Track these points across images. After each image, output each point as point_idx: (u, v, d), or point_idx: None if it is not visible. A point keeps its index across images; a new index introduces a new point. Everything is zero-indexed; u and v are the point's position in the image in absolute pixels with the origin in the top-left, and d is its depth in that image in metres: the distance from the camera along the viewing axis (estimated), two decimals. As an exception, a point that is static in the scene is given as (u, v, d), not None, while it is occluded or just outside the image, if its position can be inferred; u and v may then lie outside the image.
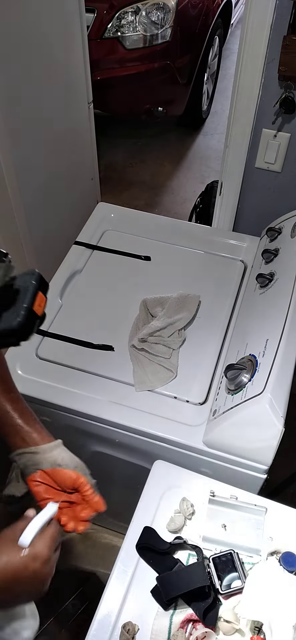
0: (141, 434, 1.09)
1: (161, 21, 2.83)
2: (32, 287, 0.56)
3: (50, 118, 1.76)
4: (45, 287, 0.59)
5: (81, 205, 2.06)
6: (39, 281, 0.58)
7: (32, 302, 0.56)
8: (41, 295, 0.58)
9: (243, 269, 1.43)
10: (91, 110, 2.07)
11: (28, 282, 0.57)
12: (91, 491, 0.75)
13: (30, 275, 0.58)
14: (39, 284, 0.58)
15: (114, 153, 3.30)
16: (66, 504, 0.75)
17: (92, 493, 0.75)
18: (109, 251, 1.48)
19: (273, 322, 1.10)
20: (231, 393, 1.03)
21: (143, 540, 0.87)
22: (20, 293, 0.56)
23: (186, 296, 1.31)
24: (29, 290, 0.56)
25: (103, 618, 0.80)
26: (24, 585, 0.63)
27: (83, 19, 1.82)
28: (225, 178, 1.57)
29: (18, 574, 0.62)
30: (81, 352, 1.22)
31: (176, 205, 2.95)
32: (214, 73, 3.57)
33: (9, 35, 1.42)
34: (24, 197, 1.65)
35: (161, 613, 0.80)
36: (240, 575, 0.82)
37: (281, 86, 1.32)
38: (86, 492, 0.74)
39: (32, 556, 0.63)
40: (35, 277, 0.58)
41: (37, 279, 0.58)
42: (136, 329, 1.26)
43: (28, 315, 0.55)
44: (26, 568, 0.62)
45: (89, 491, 0.75)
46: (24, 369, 1.18)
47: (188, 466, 1.00)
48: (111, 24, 2.79)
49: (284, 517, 0.91)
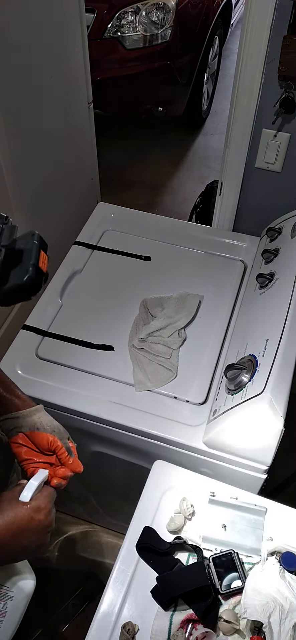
0: (141, 434, 1.09)
1: (161, 21, 2.82)
2: (35, 247, 0.61)
3: (50, 118, 1.76)
4: (45, 246, 0.63)
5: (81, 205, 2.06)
6: (40, 240, 0.62)
7: (37, 259, 0.60)
8: (43, 253, 0.62)
9: (243, 269, 1.43)
10: (91, 110, 2.06)
11: (30, 243, 0.61)
12: (65, 454, 0.79)
13: (31, 236, 0.62)
14: (40, 242, 0.62)
15: (114, 153, 3.30)
16: (47, 465, 0.80)
17: (67, 456, 0.79)
18: (109, 251, 1.48)
19: (273, 322, 1.10)
20: (231, 393, 1.03)
21: (143, 540, 0.87)
22: (24, 253, 0.60)
23: (186, 296, 1.31)
24: (33, 249, 0.61)
25: (103, 618, 0.80)
26: (31, 536, 0.69)
27: (83, 18, 1.82)
28: (225, 178, 1.57)
29: (25, 525, 0.67)
30: (81, 352, 1.22)
31: (176, 205, 2.95)
32: (214, 73, 3.57)
33: (9, 35, 1.42)
34: (24, 197, 1.65)
35: (161, 613, 0.80)
36: (240, 575, 0.82)
37: (281, 86, 1.32)
38: (61, 454, 0.79)
39: (36, 508, 0.69)
40: (36, 237, 0.62)
41: (38, 238, 0.62)
42: (136, 329, 1.26)
43: (36, 270, 0.59)
44: (32, 519, 0.68)
45: (64, 454, 0.79)
46: (24, 369, 1.18)
47: (188, 466, 1.00)
48: (111, 24, 2.79)
49: (284, 517, 0.91)
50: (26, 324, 1.29)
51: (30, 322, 1.29)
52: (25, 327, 1.28)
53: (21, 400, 0.82)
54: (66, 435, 0.82)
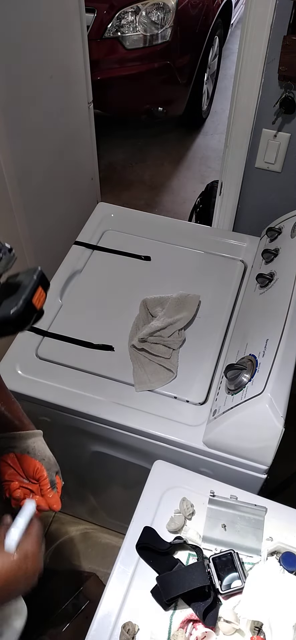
0: (141, 434, 1.09)
1: (161, 21, 2.82)
2: (32, 281, 0.59)
3: (50, 118, 1.76)
4: (46, 284, 0.61)
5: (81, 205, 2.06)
6: (41, 277, 0.61)
7: (31, 295, 0.58)
8: (41, 290, 0.60)
9: (243, 269, 1.43)
10: (91, 110, 2.06)
11: (30, 277, 0.60)
12: (47, 487, 0.77)
13: (32, 272, 0.61)
14: (40, 279, 0.61)
15: (114, 153, 3.30)
16: (27, 490, 0.79)
17: (49, 488, 0.78)
18: (109, 251, 1.48)
19: (273, 322, 1.10)
20: (231, 393, 1.03)
21: (143, 540, 0.87)
22: (21, 286, 0.59)
23: (186, 296, 1.31)
24: (30, 284, 0.59)
25: (103, 618, 0.80)
26: (18, 584, 0.67)
27: (83, 18, 1.82)
28: (225, 178, 1.57)
29: (12, 575, 0.65)
30: (81, 352, 1.22)
31: (176, 205, 2.95)
32: (214, 73, 3.57)
33: (9, 35, 1.42)
34: (24, 197, 1.65)
35: (161, 613, 0.80)
36: (240, 575, 0.82)
37: (281, 86, 1.32)
38: (43, 485, 0.77)
39: (23, 556, 0.66)
40: (37, 273, 0.61)
41: (38, 275, 0.61)
42: (136, 329, 1.26)
43: (26, 305, 0.57)
44: (19, 568, 0.65)
45: (46, 485, 0.77)
46: (24, 369, 1.18)
47: (188, 466, 1.00)
48: (111, 24, 2.79)
49: (284, 517, 0.91)
50: (26, 324, 1.29)
51: (30, 322, 1.29)
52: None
53: (21, 423, 0.81)
54: (55, 469, 0.81)
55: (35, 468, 0.77)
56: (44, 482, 0.77)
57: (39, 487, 0.78)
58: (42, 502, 0.77)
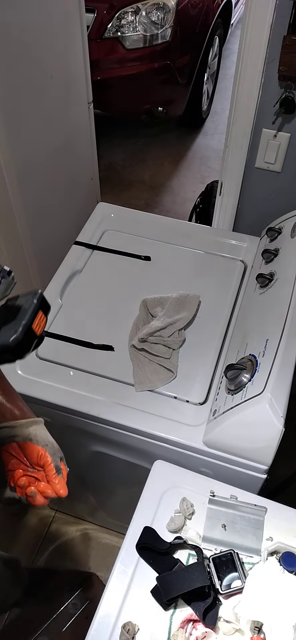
0: (141, 434, 1.09)
1: (161, 21, 2.82)
2: (32, 306, 0.57)
3: (50, 118, 1.76)
4: (46, 308, 0.59)
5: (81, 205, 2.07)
6: (41, 301, 0.58)
7: (31, 321, 0.56)
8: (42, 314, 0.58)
9: (243, 269, 1.43)
10: (91, 110, 2.07)
11: (30, 301, 0.57)
12: (53, 472, 0.76)
13: (32, 295, 0.58)
14: (41, 303, 0.58)
15: (114, 153, 3.30)
16: (32, 479, 0.77)
17: (54, 474, 0.76)
18: (109, 251, 1.48)
19: (273, 322, 1.10)
20: (231, 393, 1.03)
21: (143, 540, 0.87)
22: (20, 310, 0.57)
23: (186, 296, 1.31)
24: (30, 308, 0.57)
25: (103, 618, 0.80)
26: None
27: (83, 18, 1.82)
28: (225, 178, 1.57)
29: None
30: (81, 352, 1.22)
31: (176, 205, 2.95)
32: (214, 73, 3.57)
33: (9, 35, 1.42)
34: (24, 197, 1.65)
35: (161, 613, 0.80)
36: (240, 575, 0.82)
37: (281, 86, 1.32)
38: (48, 471, 0.76)
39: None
40: (38, 296, 0.58)
41: (39, 298, 0.58)
42: (136, 329, 1.26)
43: (26, 332, 0.55)
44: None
45: (52, 471, 0.76)
46: (24, 369, 1.18)
47: (188, 466, 1.00)
48: (111, 24, 2.79)
49: (284, 517, 0.91)
50: (26, 324, 1.29)
51: (30, 322, 1.29)
52: (25, 327, 1.28)
53: (22, 411, 0.80)
54: (59, 455, 0.79)
55: (39, 454, 0.76)
56: (49, 467, 0.75)
57: (45, 473, 0.76)
58: (49, 489, 0.75)
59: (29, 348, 0.57)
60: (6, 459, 0.77)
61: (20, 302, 0.57)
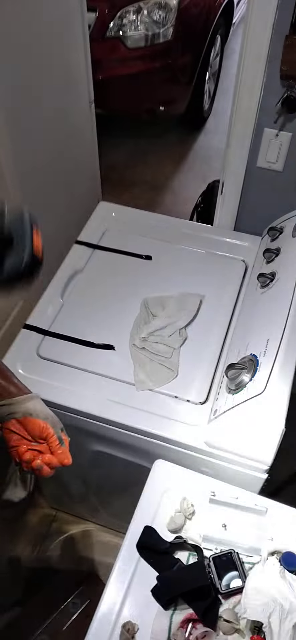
0: (141, 433, 1.09)
1: (162, 20, 2.82)
2: (29, 232, 0.58)
3: (51, 117, 1.76)
4: (36, 225, 0.60)
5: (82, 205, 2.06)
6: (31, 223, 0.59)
7: (31, 242, 0.57)
8: (37, 237, 0.59)
9: (244, 269, 1.43)
10: (92, 109, 2.06)
11: (25, 228, 0.58)
12: (56, 442, 0.77)
13: (20, 220, 0.58)
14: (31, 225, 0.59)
15: (115, 152, 3.30)
16: (36, 452, 0.78)
17: (58, 444, 0.78)
18: (110, 250, 1.48)
19: (274, 321, 1.10)
20: (232, 392, 1.03)
21: (143, 539, 0.87)
22: (16, 239, 0.57)
23: (187, 295, 1.31)
24: (27, 234, 0.57)
25: (103, 617, 0.80)
26: None
27: (85, 18, 1.82)
28: (226, 177, 1.57)
29: None
30: (82, 351, 1.22)
31: (178, 204, 2.95)
32: (216, 72, 3.56)
33: (10, 34, 1.42)
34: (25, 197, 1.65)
35: (161, 613, 0.80)
36: (240, 575, 0.82)
37: (283, 85, 1.31)
38: (51, 442, 0.77)
39: None
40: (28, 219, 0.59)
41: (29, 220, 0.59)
42: (137, 328, 1.26)
43: (32, 258, 0.57)
44: None
45: (55, 442, 0.77)
46: (26, 369, 1.18)
47: (189, 466, 1.00)
48: (113, 23, 2.78)
49: (284, 517, 0.91)
50: (27, 324, 1.29)
51: (32, 322, 1.29)
52: (26, 327, 1.28)
53: (17, 388, 0.81)
54: (59, 426, 0.81)
55: (41, 427, 0.77)
56: (52, 439, 0.77)
57: (48, 445, 0.78)
58: (53, 460, 0.77)
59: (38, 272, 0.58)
60: (7, 436, 0.78)
61: (11, 229, 0.57)
